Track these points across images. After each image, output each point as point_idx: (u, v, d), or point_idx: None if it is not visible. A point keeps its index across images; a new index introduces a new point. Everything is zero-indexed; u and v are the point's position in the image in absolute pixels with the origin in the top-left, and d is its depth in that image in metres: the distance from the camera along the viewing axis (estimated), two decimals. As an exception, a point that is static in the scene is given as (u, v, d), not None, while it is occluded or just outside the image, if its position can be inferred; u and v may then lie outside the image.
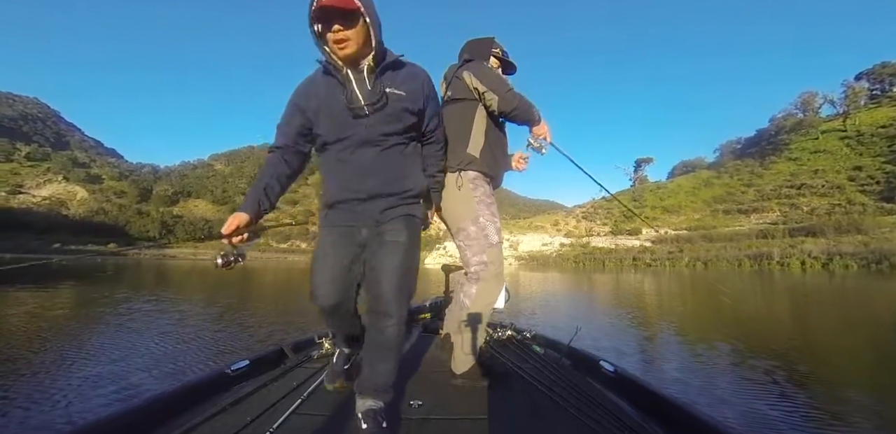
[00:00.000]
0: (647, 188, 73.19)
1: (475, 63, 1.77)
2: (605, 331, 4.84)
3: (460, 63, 1.81)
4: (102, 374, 2.84)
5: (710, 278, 17.91)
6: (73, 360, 3.18)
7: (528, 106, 1.73)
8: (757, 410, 2.33)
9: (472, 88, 1.72)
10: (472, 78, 1.71)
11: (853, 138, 52.90)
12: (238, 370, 1.65)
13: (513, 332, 2.37)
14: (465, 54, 1.85)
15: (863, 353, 4.02)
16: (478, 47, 1.89)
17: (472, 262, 1.67)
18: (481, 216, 1.66)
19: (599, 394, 1.54)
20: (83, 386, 2.60)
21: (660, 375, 3.03)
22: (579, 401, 1.40)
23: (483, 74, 1.72)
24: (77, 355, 3.34)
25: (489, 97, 1.70)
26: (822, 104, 62.76)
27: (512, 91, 1.70)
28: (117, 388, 2.55)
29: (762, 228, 40.65)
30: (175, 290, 9.97)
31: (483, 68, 1.75)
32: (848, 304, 8.53)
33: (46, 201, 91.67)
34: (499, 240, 1.69)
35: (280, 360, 1.91)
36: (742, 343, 4.15)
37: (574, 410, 1.32)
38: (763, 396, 2.56)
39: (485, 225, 1.66)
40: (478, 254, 1.66)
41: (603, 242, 52.11)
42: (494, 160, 1.78)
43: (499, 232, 1.71)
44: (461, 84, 1.74)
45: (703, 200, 59.09)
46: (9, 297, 7.03)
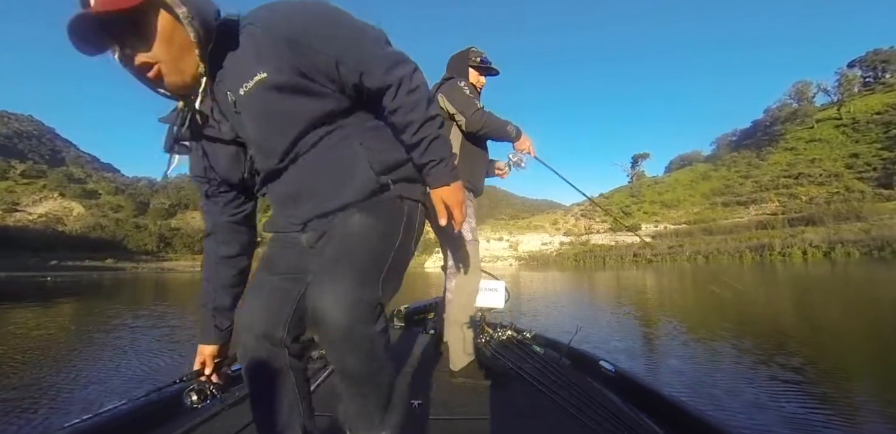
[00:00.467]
0: (645, 183, 73.05)
1: (449, 84, 1.89)
2: (612, 329, 4.63)
3: (441, 82, 1.95)
4: (102, 378, 2.97)
5: (711, 272, 17.62)
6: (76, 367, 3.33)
7: (498, 125, 1.85)
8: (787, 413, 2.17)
9: (444, 110, 1.85)
10: (444, 100, 1.85)
11: (848, 126, 52.80)
12: (238, 370, 1.68)
13: (513, 332, 2.36)
14: (446, 72, 2.01)
15: (875, 347, 3.71)
16: (456, 63, 2.02)
17: (451, 257, 1.84)
18: None
19: (599, 394, 1.53)
20: (84, 386, 2.70)
21: (676, 378, 2.81)
22: (579, 401, 1.39)
23: (453, 97, 1.84)
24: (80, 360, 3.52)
25: (458, 118, 1.84)
26: (816, 93, 62.67)
27: (479, 112, 1.81)
28: (115, 391, 2.64)
29: (762, 219, 40.43)
30: (171, 303, 9.65)
31: (454, 90, 1.85)
32: (859, 293, 8.21)
33: (43, 218, 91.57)
34: (473, 237, 1.85)
35: None
36: (752, 340, 3.89)
37: (574, 410, 1.31)
38: (786, 397, 2.38)
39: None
40: (455, 250, 1.82)
41: (602, 239, 51.84)
42: (472, 172, 1.91)
43: (473, 231, 1.87)
44: (437, 105, 1.84)
45: (701, 194, 58.92)
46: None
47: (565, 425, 1.25)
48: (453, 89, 1.85)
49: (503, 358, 1.94)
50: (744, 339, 3.92)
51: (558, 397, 1.43)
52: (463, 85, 1.88)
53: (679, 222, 50.99)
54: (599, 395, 1.49)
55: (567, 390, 1.49)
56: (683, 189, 62.63)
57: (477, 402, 1.43)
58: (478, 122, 1.80)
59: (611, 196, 72.83)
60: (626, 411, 1.38)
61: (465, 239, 1.81)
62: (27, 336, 4.89)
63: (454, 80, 1.90)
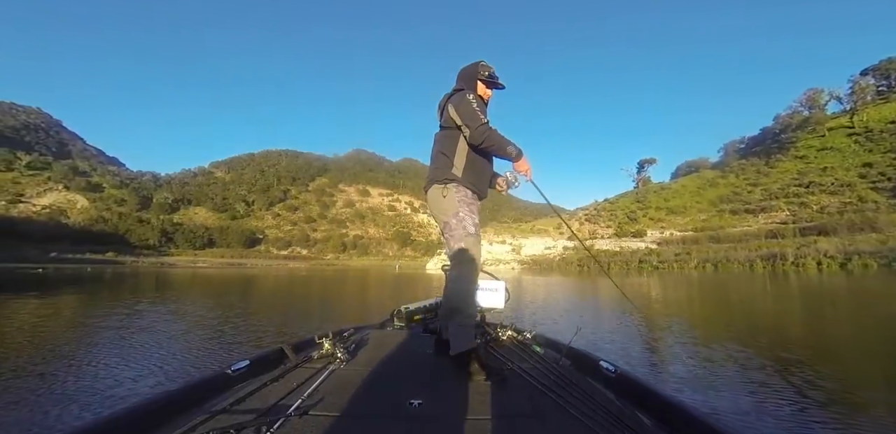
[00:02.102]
0: (651, 189, 72.10)
1: (459, 96, 2.01)
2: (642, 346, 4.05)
3: (451, 93, 2.08)
4: (104, 376, 2.87)
5: (721, 281, 16.90)
6: (75, 362, 3.28)
7: (499, 142, 1.95)
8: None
9: (453, 120, 2.00)
10: (453, 111, 1.98)
11: (861, 135, 51.76)
12: (238, 370, 1.67)
13: (513, 332, 2.35)
14: (456, 83, 2.15)
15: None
16: (465, 76, 2.15)
17: (454, 248, 1.91)
18: (461, 211, 1.95)
19: (599, 394, 1.54)
20: (86, 387, 2.63)
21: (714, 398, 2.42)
22: (579, 401, 1.40)
23: (461, 109, 1.96)
24: (80, 357, 3.44)
25: (464, 130, 1.97)
26: (828, 101, 61.44)
27: (482, 127, 1.92)
28: (121, 388, 2.60)
29: (771, 228, 39.51)
30: (177, 296, 9.09)
31: (463, 102, 1.96)
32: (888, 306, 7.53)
33: (46, 210, 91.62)
34: (475, 231, 1.94)
35: (280, 361, 1.91)
36: (781, 352, 3.35)
37: (574, 410, 1.32)
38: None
39: (463, 218, 1.94)
40: (458, 242, 1.90)
41: (607, 245, 51.04)
42: (476, 177, 2.07)
43: (476, 226, 1.96)
44: (447, 115, 2.03)
45: (708, 200, 57.96)
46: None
47: (565, 425, 1.24)
48: (462, 101, 1.97)
49: (503, 358, 1.93)
50: (775, 352, 3.48)
51: (558, 397, 1.43)
52: (471, 98, 1.98)
53: (685, 229, 50.12)
54: (599, 395, 1.49)
55: (567, 390, 1.49)
56: (690, 195, 61.70)
57: (477, 402, 1.42)
58: (480, 135, 1.92)
59: (616, 201, 71.94)
60: (626, 411, 1.37)
61: (468, 231, 1.92)
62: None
63: (464, 91, 2.02)
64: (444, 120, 2.06)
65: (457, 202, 1.95)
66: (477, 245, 1.92)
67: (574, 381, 1.59)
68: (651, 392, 1.45)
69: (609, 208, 68.51)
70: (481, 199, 2.10)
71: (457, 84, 2.13)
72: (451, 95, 2.05)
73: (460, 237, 1.89)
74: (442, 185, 1.99)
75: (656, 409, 1.36)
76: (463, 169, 2.00)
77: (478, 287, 1.98)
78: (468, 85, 2.11)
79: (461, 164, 2.01)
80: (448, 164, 2.02)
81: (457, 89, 2.07)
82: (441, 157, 2.04)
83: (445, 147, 2.04)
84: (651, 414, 1.36)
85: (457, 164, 2.01)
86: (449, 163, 2.02)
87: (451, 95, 2.05)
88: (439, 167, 2.03)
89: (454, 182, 1.98)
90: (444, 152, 2.03)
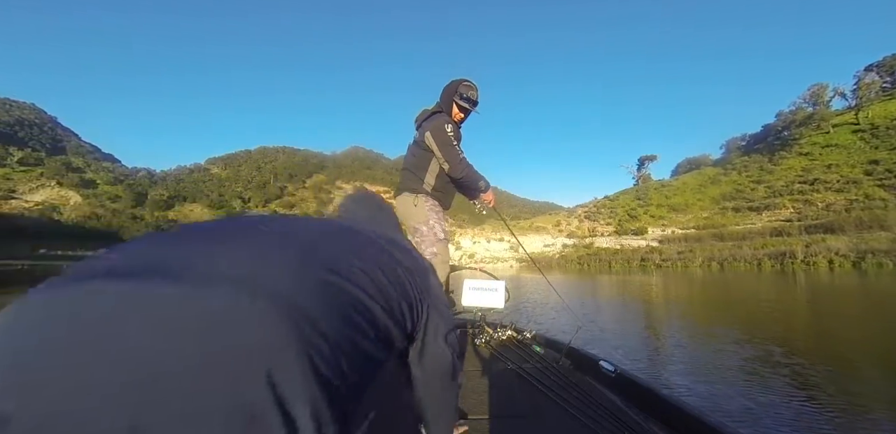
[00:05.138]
0: (652, 186, 71.22)
1: (437, 124, 2.09)
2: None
3: (429, 114, 2.19)
4: None
5: (728, 280, 15.96)
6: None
7: (474, 179, 2.17)
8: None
9: (428, 145, 2.12)
10: (431, 139, 2.10)
11: (867, 131, 50.80)
12: None
13: (513, 332, 2.36)
14: (440, 97, 2.23)
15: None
16: (446, 92, 2.23)
17: (426, 253, 2.07)
18: (431, 219, 2.13)
19: (599, 394, 1.54)
20: None
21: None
22: (579, 401, 1.40)
23: (439, 141, 2.08)
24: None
25: (442, 161, 2.12)
26: (832, 97, 60.45)
27: (461, 164, 2.10)
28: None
29: (776, 226, 38.64)
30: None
31: (441, 133, 2.07)
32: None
33: (39, 206, 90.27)
34: (444, 237, 2.14)
35: None
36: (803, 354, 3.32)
37: (574, 410, 1.33)
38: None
39: (433, 225, 2.12)
40: (430, 246, 2.08)
41: (607, 243, 50.19)
42: (443, 195, 2.26)
43: (445, 232, 2.16)
44: (424, 138, 2.15)
45: (710, 198, 57.05)
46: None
47: (565, 425, 1.25)
48: (440, 132, 2.07)
49: (503, 358, 1.93)
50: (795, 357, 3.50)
51: (558, 397, 1.44)
52: (449, 130, 2.07)
53: (687, 227, 49.26)
54: (599, 395, 1.50)
55: (567, 390, 1.50)
56: (692, 193, 60.79)
57: (477, 402, 1.43)
58: (460, 172, 2.12)
59: (616, 198, 71.02)
60: (626, 411, 1.38)
61: (438, 237, 2.11)
62: None
63: (441, 118, 2.12)
64: (420, 139, 2.19)
65: (427, 211, 2.13)
66: (446, 249, 2.15)
67: (574, 381, 1.59)
68: (651, 392, 1.42)
69: (609, 205, 67.66)
70: (445, 209, 2.29)
71: (439, 99, 2.24)
72: (430, 116, 2.18)
73: (431, 242, 2.10)
74: (413, 195, 2.17)
75: (656, 408, 1.35)
76: (433, 187, 2.19)
77: (455, 287, 2.17)
78: (446, 104, 2.21)
79: (432, 181, 2.19)
80: (420, 180, 2.19)
81: (435, 111, 2.20)
82: (413, 172, 2.20)
83: (418, 166, 2.20)
84: (651, 413, 1.35)
85: (427, 181, 2.19)
86: (420, 180, 2.19)
87: (429, 116, 2.19)
88: (412, 180, 2.20)
89: (425, 194, 2.16)
90: (416, 169, 2.20)
